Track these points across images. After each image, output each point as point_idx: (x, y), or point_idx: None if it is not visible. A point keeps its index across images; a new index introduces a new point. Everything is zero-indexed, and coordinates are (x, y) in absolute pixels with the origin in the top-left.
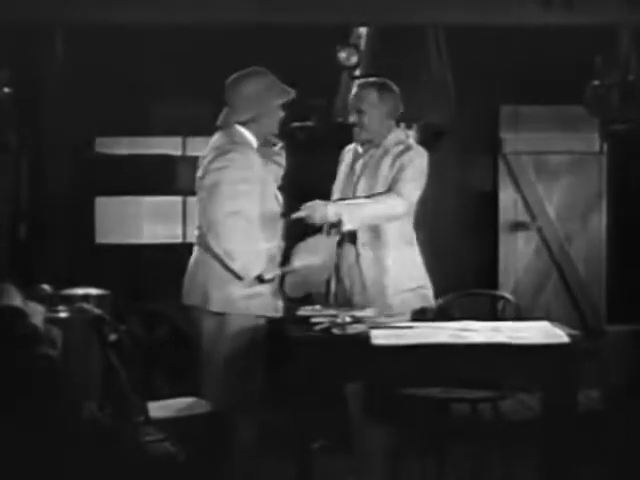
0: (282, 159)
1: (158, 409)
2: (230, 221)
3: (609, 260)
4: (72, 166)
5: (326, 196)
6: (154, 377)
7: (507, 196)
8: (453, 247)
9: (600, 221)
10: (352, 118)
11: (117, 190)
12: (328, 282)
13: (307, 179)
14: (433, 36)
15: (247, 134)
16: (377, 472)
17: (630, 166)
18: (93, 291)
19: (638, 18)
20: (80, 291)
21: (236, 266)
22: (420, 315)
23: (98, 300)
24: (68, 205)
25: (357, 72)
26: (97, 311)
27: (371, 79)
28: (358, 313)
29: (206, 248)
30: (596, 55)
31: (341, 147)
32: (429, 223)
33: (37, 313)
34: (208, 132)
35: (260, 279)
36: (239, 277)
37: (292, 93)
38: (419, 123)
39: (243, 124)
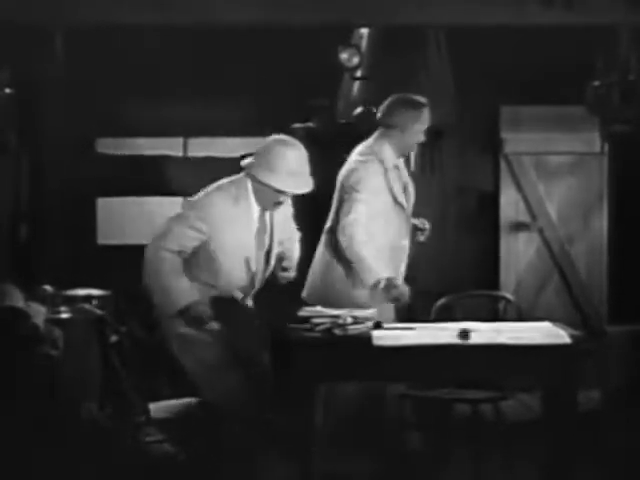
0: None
1: (159, 410)
2: (164, 254)
3: (610, 260)
4: (72, 166)
5: (329, 196)
6: (155, 378)
7: (508, 196)
8: (454, 247)
9: (601, 221)
10: (422, 137)
11: (118, 191)
12: None
13: None
14: (433, 36)
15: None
16: (377, 472)
17: (631, 166)
18: (95, 292)
19: (638, 18)
20: (82, 292)
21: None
22: None
23: (99, 301)
24: (69, 206)
25: (358, 73)
26: (98, 312)
27: (420, 98)
28: (359, 313)
29: None
30: (596, 55)
31: (342, 147)
32: (430, 223)
33: (39, 314)
34: (208, 133)
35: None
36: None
37: (289, 192)
38: None
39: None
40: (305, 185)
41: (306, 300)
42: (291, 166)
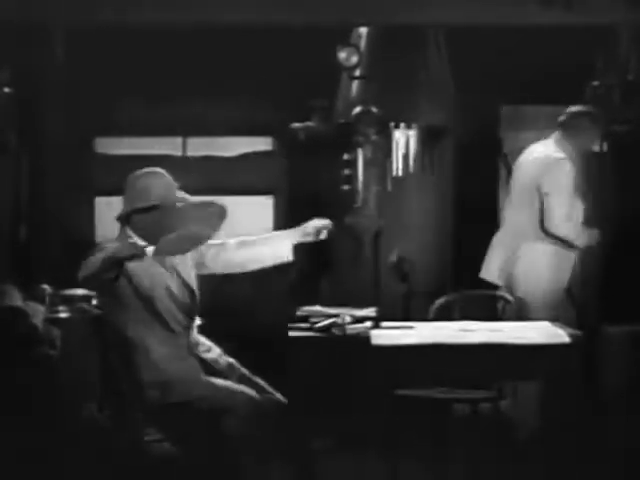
0: None
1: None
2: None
3: (609, 260)
4: (72, 166)
5: (327, 197)
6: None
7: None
8: (453, 247)
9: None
10: (596, 141)
11: (117, 190)
12: None
13: (307, 179)
14: (433, 36)
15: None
16: (376, 472)
17: (630, 166)
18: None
19: (638, 18)
20: (80, 291)
21: None
22: None
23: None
24: (68, 205)
25: (357, 72)
26: (97, 311)
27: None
28: (358, 313)
29: None
30: (596, 55)
31: (342, 148)
32: (430, 223)
33: (37, 313)
34: (208, 132)
35: None
36: None
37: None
38: (419, 123)
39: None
40: (176, 197)
41: (491, 281)
42: (157, 188)
